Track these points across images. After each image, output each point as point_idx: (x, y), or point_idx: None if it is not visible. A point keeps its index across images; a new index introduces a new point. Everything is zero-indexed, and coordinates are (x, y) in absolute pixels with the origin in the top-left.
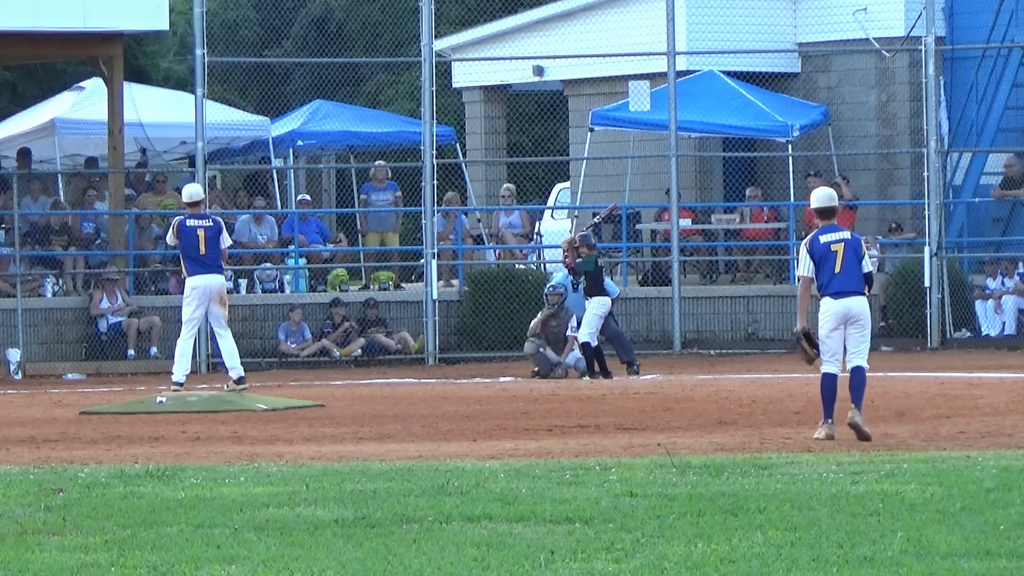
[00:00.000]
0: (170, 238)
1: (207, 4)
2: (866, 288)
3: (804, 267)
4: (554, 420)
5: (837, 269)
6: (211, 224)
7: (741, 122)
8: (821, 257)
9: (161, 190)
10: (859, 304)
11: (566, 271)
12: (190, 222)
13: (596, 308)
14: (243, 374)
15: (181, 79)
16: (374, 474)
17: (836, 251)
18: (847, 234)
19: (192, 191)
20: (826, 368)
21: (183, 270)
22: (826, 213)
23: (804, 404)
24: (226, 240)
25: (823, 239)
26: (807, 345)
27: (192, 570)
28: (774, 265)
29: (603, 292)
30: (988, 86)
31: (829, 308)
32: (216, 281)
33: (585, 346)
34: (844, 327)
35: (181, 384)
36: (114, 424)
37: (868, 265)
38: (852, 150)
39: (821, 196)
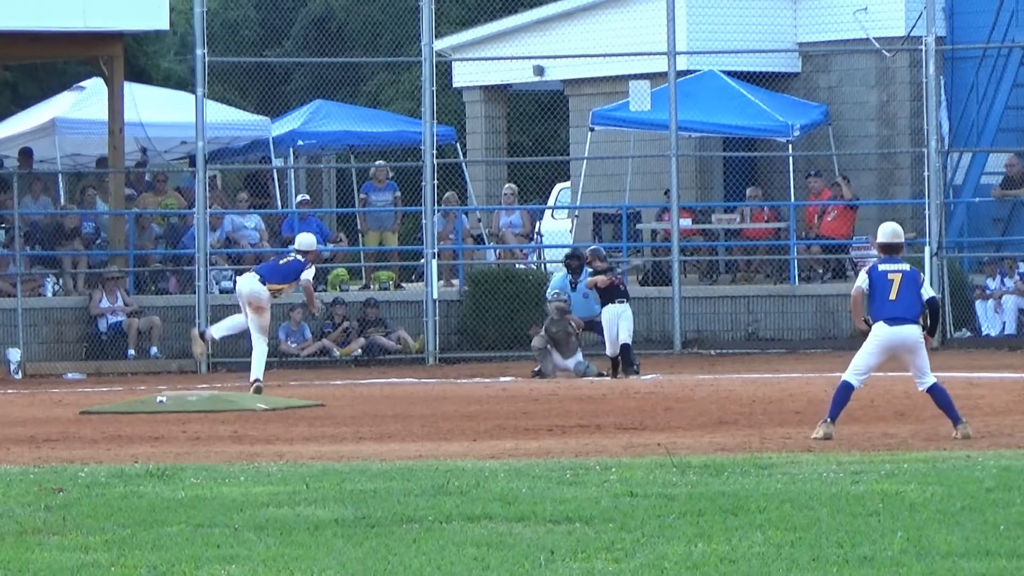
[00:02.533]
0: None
1: (207, 4)
2: (929, 314)
3: (860, 280)
4: (554, 420)
5: (892, 296)
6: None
7: (741, 122)
8: (877, 282)
9: (161, 190)
10: (910, 332)
11: (568, 274)
12: None
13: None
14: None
15: (181, 79)
16: (374, 474)
17: (892, 280)
18: (906, 266)
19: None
20: (847, 378)
21: None
22: (889, 248)
23: (804, 404)
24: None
25: (882, 267)
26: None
27: (192, 570)
28: (774, 265)
29: (626, 297)
30: (988, 86)
31: (880, 334)
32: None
33: (625, 347)
34: (889, 355)
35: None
36: (114, 424)
37: (929, 290)
38: (852, 150)
39: (887, 231)
